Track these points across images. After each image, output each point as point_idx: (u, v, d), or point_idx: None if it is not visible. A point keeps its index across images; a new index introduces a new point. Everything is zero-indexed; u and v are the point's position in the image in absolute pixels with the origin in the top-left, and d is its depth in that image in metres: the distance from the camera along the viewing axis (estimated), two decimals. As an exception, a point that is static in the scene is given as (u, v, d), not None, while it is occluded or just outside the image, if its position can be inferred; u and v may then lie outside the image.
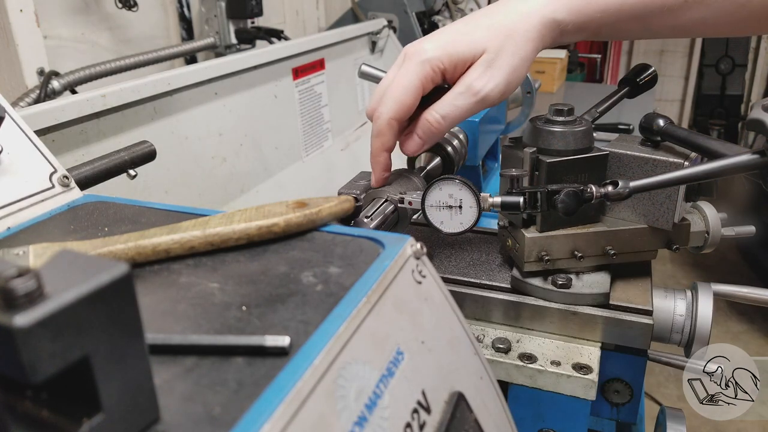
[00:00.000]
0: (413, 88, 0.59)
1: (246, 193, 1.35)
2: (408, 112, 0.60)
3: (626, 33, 0.64)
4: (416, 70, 0.59)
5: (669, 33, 0.63)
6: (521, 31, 0.59)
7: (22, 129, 0.55)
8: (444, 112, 0.60)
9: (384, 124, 0.60)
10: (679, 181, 0.56)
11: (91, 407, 0.24)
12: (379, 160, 0.63)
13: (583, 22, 0.60)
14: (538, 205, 0.58)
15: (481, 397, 0.43)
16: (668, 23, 0.60)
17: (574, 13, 0.60)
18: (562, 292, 0.63)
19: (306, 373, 0.29)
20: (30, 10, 1.25)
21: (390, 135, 0.61)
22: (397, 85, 0.59)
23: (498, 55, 0.58)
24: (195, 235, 0.42)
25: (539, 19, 0.59)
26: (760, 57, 4.11)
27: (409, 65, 0.59)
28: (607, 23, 0.61)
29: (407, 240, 0.42)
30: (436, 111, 0.60)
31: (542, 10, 0.59)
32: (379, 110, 0.60)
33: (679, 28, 0.61)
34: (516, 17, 0.59)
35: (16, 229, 0.47)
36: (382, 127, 0.60)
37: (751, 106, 0.89)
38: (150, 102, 1.07)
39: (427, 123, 0.60)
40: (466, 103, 0.59)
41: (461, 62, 0.59)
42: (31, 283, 0.22)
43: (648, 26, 0.62)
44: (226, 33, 1.77)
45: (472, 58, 0.59)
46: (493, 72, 0.59)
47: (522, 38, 0.59)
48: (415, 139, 0.62)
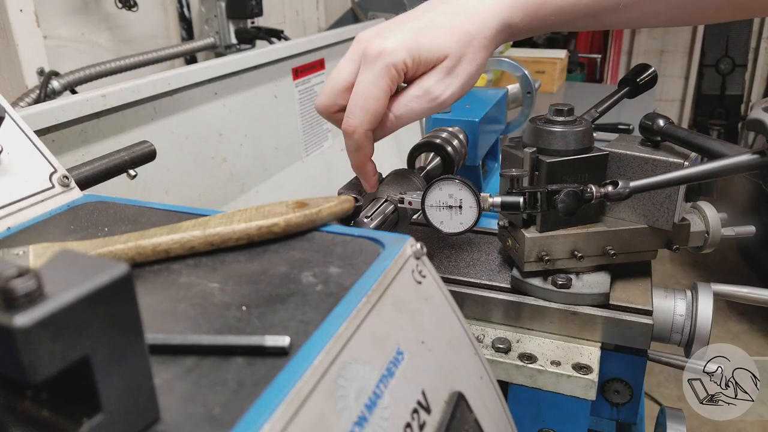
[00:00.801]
0: (383, 95, 0.57)
1: (246, 193, 1.35)
2: (379, 119, 0.59)
3: (578, 28, 0.65)
4: (383, 75, 0.57)
5: (622, 25, 0.65)
6: (480, 38, 0.59)
7: (22, 129, 0.55)
8: (399, 113, 0.59)
9: (362, 138, 0.58)
10: (679, 181, 0.56)
11: (91, 407, 0.24)
12: (367, 170, 0.63)
13: (537, 24, 0.61)
14: (538, 205, 0.58)
15: (481, 397, 0.43)
16: (622, 17, 0.61)
17: (529, 16, 0.60)
18: (562, 292, 0.63)
19: (306, 373, 0.29)
20: (30, 10, 1.25)
21: (369, 145, 0.60)
22: (369, 96, 0.57)
23: (458, 62, 0.58)
24: (195, 235, 0.42)
25: (496, 26, 0.59)
26: (760, 57, 4.11)
27: (375, 69, 0.57)
28: (561, 22, 0.61)
29: (407, 240, 0.42)
30: (391, 111, 0.59)
31: (499, 15, 0.59)
32: (353, 123, 0.58)
33: (633, 21, 0.62)
34: (477, 21, 0.58)
35: (16, 229, 0.47)
36: (360, 141, 0.59)
37: (751, 106, 0.89)
38: (150, 102, 1.07)
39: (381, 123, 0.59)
40: (422, 107, 0.59)
41: (423, 66, 0.58)
42: (31, 283, 0.22)
43: (601, 21, 0.62)
44: (226, 33, 1.77)
45: (434, 62, 0.58)
46: (451, 80, 0.59)
47: (480, 45, 0.59)
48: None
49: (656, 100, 4.28)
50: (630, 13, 0.60)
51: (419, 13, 0.60)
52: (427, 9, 0.60)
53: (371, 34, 0.59)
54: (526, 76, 1.17)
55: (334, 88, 0.60)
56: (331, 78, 0.61)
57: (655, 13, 0.60)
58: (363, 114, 0.57)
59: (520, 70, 1.16)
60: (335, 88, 0.60)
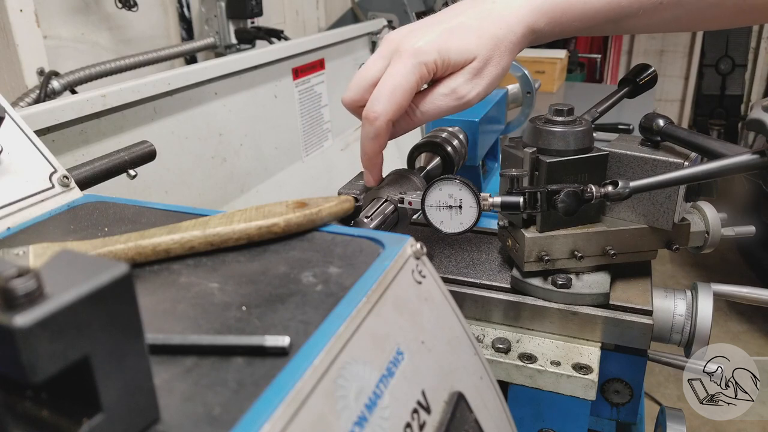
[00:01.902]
0: (412, 90, 0.59)
1: (246, 193, 1.35)
2: (401, 112, 0.60)
3: (598, 33, 0.67)
4: (414, 71, 0.58)
5: (641, 31, 0.66)
6: (506, 42, 0.61)
7: (22, 129, 0.55)
8: (425, 109, 0.62)
9: (383, 126, 0.59)
10: (679, 181, 0.56)
11: (91, 407, 0.24)
12: (376, 162, 0.63)
13: (559, 29, 0.63)
14: (538, 205, 0.58)
15: (481, 397, 0.43)
16: (642, 23, 0.62)
17: (553, 22, 0.62)
18: (562, 292, 0.63)
19: (306, 373, 0.29)
20: (30, 10, 1.25)
21: (386, 136, 0.61)
22: (397, 86, 0.58)
23: (485, 65, 0.61)
24: (195, 235, 0.42)
25: (522, 29, 0.61)
26: (760, 57, 4.11)
27: (407, 64, 0.58)
28: (583, 28, 0.63)
29: (407, 240, 0.42)
30: (418, 107, 0.61)
31: (525, 20, 0.61)
32: (377, 110, 0.58)
33: (652, 27, 0.63)
34: (504, 26, 0.60)
35: (16, 229, 0.47)
36: (380, 128, 0.59)
37: (751, 106, 0.89)
38: (150, 102, 1.07)
39: (407, 116, 0.61)
40: (448, 105, 0.61)
41: (451, 67, 0.60)
42: (31, 283, 0.22)
43: (621, 27, 0.64)
44: (226, 33, 1.77)
45: (462, 63, 0.60)
46: (478, 81, 0.61)
47: (506, 49, 0.61)
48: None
49: (656, 100, 4.28)
50: (651, 19, 0.61)
51: (448, 16, 0.62)
52: (456, 13, 0.62)
53: (402, 33, 0.61)
54: (526, 76, 1.17)
55: (363, 83, 0.61)
56: (359, 73, 0.62)
57: (675, 18, 0.61)
58: (389, 103, 0.58)
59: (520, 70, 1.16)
60: (364, 83, 0.61)
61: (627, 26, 0.63)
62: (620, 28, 0.64)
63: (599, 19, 0.61)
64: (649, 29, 0.65)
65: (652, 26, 0.63)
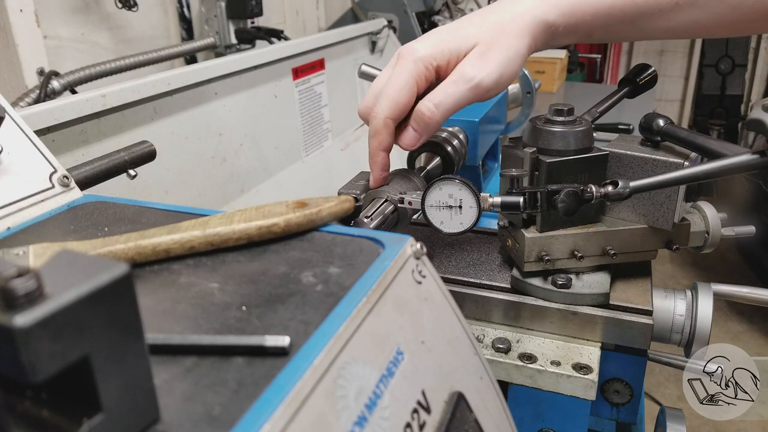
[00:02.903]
0: (408, 86, 0.60)
1: (246, 193, 1.35)
2: (404, 111, 0.61)
3: (619, 35, 0.65)
4: (410, 69, 0.60)
5: (661, 35, 0.64)
6: (513, 28, 0.60)
7: (22, 129, 0.55)
8: (437, 101, 0.60)
9: (380, 124, 0.60)
10: (679, 181, 0.56)
11: (91, 407, 0.24)
12: (377, 160, 0.64)
13: (574, 24, 0.62)
14: (538, 205, 0.58)
15: (481, 397, 0.43)
16: (660, 25, 0.61)
17: (564, 15, 0.61)
18: (562, 292, 0.63)
19: (306, 373, 0.29)
20: (30, 10, 1.25)
21: (386, 134, 0.61)
22: (392, 84, 0.60)
23: (490, 47, 0.60)
24: (195, 235, 0.42)
25: (531, 19, 0.61)
26: (760, 57, 4.11)
27: (403, 64, 0.60)
28: (599, 26, 0.62)
29: (407, 240, 0.42)
30: (429, 100, 0.61)
31: (533, 11, 0.61)
32: (375, 110, 0.61)
33: (671, 30, 0.62)
34: (508, 16, 0.61)
35: (16, 229, 0.47)
36: (378, 126, 0.61)
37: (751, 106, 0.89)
38: (150, 102, 1.07)
39: (420, 113, 0.61)
40: (458, 90, 0.59)
41: (454, 56, 0.60)
42: (31, 283, 0.22)
43: (640, 28, 0.62)
44: (226, 33, 1.77)
45: (465, 50, 0.60)
46: (485, 61, 0.59)
47: (513, 34, 0.60)
48: (411, 132, 0.62)
49: (656, 100, 4.28)
50: (669, 21, 0.60)
51: (456, 22, 0.64)
52: (464, 18, 0.64)
53: (408, 43, 0.63)
54: (526, 76, 1.17)
55: (373, 92, 0.63)
56: (372, 84, 0.64)
57: (694, 21, 0.60)
58: (385, 101, 0.60)
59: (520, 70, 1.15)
60: (373, 92, 0.63)
61: (645, 28, 0.62)
62: (638, 29, 0.63)
63: (614, 17, 0.61)
64: (669, 33, 0.63)
65: (671, 30, 0.62)
